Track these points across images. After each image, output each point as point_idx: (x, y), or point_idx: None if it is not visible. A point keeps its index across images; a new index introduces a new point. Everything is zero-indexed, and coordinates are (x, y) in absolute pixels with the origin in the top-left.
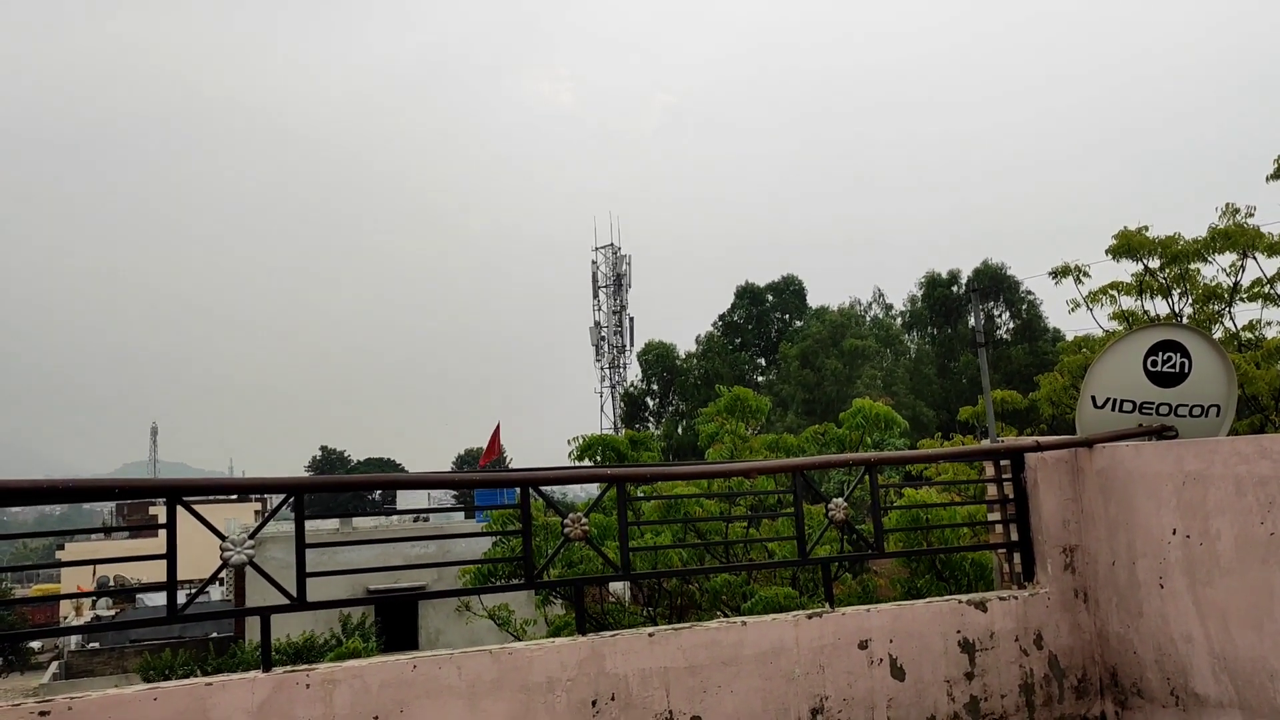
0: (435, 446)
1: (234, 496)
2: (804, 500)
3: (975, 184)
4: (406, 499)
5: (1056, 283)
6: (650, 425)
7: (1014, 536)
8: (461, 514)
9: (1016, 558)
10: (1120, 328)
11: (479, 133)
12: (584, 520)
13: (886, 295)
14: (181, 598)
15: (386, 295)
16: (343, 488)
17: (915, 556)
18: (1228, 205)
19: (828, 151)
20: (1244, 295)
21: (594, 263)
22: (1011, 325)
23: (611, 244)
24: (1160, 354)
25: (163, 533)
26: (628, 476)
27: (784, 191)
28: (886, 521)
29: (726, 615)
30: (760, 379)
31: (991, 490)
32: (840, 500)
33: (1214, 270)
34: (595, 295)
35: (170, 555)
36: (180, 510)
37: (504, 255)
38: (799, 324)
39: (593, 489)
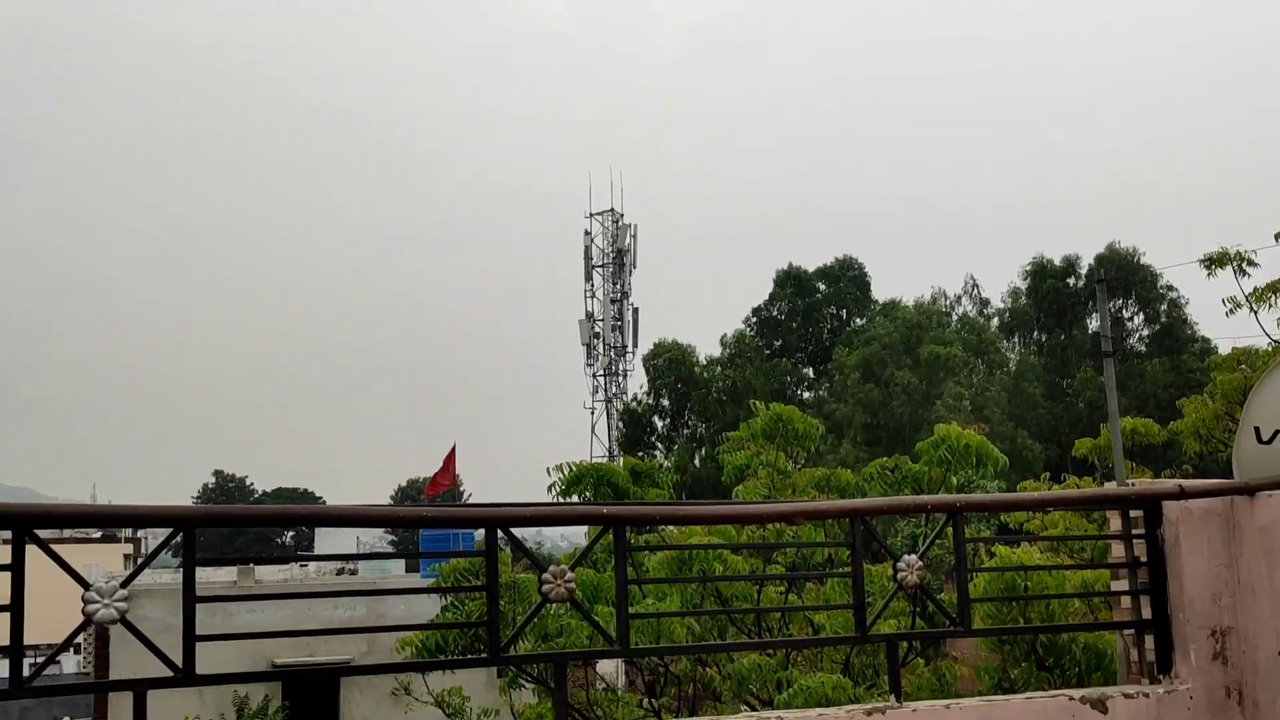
0: (368, 474)
1: (98, 533)
2: (864, 558)
3: (1103, 137)
4: (329, 542)
5: (1210, 275)
6: (658, 453)
7: (1145, 613)
8: (401, 564)
9: (1148, 641)
10: None
11: (434, 54)
12: (568, 576)
13: (981, 286)
14: (27, 667)
15: (303, 270)
16: (244, 523)
17: (1011, 636)
18: None
19: (900, 94)
20: None
21: (587, 234)
22: (1146, 331)
23: (611, 209)
24: None
25: (4, 575)
26: (628, 519)
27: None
28: (973, 588)
29: (755, 709)
30: (807, 395)
31: (1116, 550)
32: (913, 558)
33: None
34: (588, 278)
35: (15, 607)
36: (30, 547)
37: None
38: (859, 322)
39: (579, 535)
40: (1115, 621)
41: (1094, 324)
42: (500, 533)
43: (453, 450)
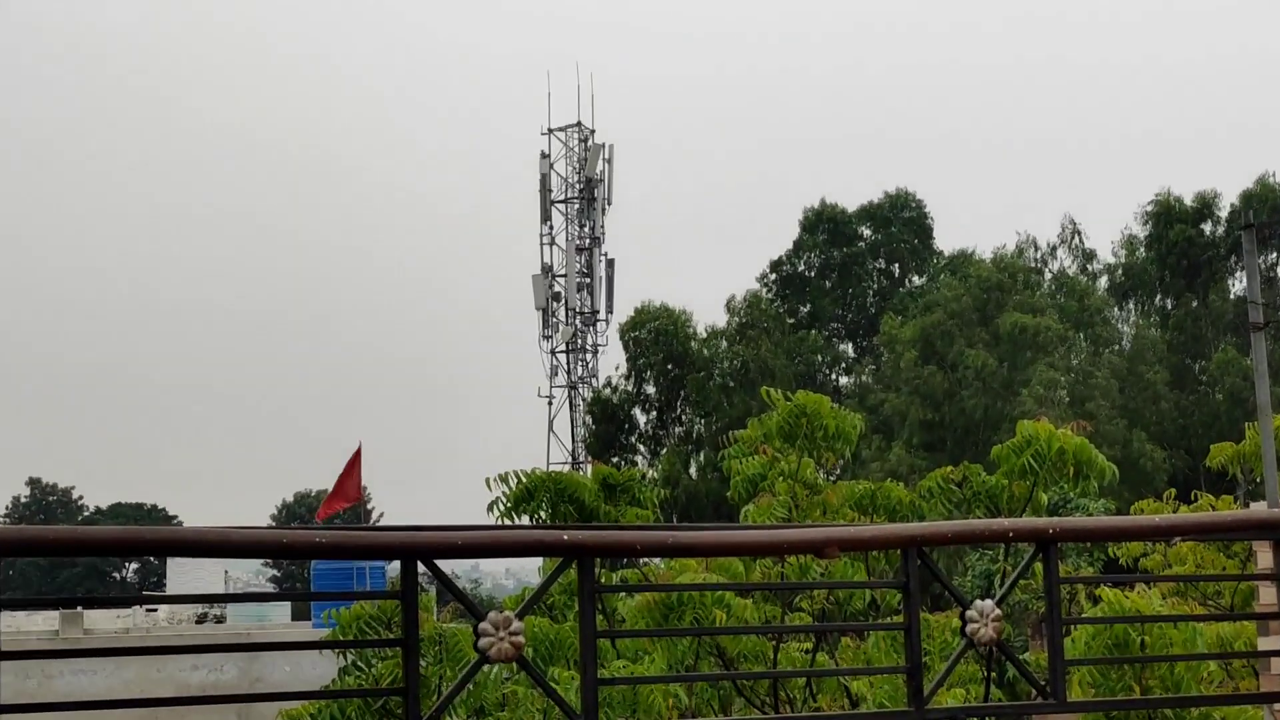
0: (241, 486)
1: None
2: (920, 603)
3: (1248, 25)
4: (186, 578)
5: None
6: (640, 458)
7: None
8: (286, 609)
9: None
10: None
11: None
12: (514, 627)
13: (1084, 234)
14: None
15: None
16: (70, 550)
17: (1121, 711)
18: None
19: None
20: None
21: (544, 156)
22: None
23: (578, 123)
24: None
25: None
26: (597, 548)
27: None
28: (1070, 646)
29: None
30: (844, 381)
31: (1266, 596)
32: (987, 605)
33: None
34: (545, 218)
35: None
36: None
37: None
38: (917, 281)
39: (530, 572)
40: (1264, 694)
41: (1238, 285)
42: (422, 566)
43: (357, 454)
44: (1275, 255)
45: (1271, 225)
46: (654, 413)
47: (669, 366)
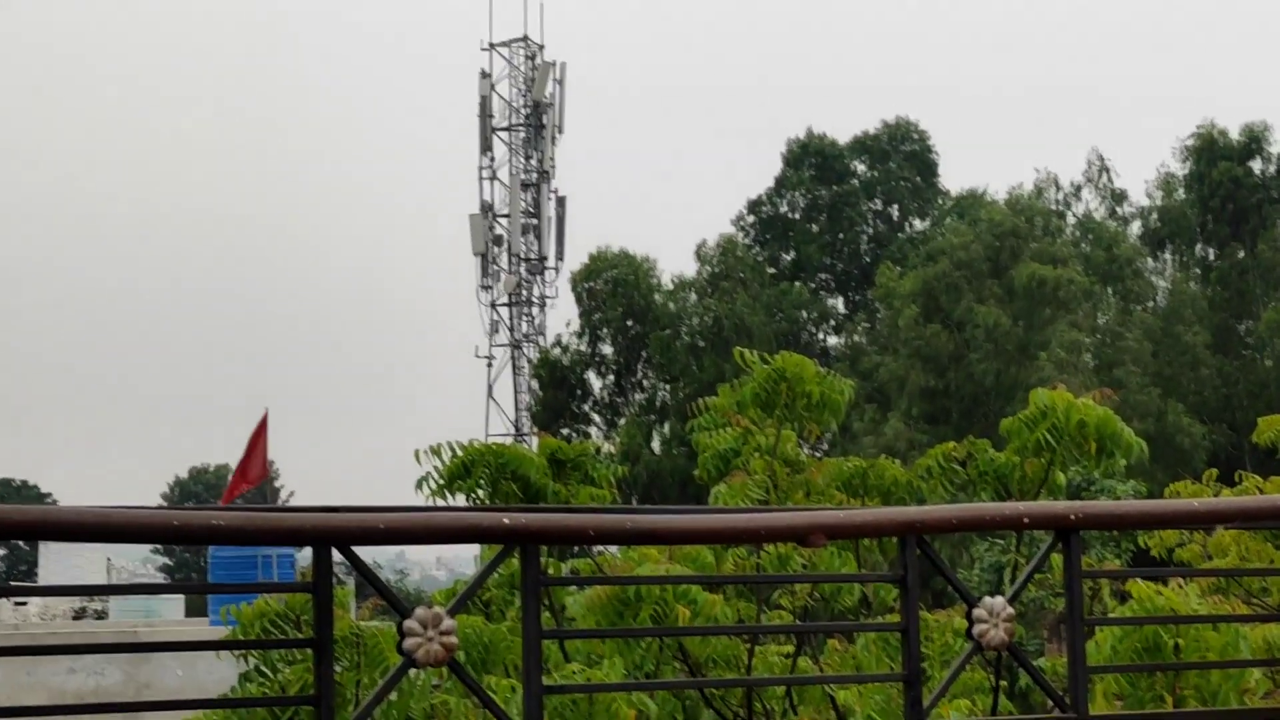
0: (127, 460)
1: None
2: (920, 600)
3: None
4: (61, 566)
5: None
6: (594, 428)
7: None
8: (180, 603)
9: None
10: None
11: None
12: (445, 625)
13: (1114, 171)
14: None
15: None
16: None
17: None
18: None
19: None
20: None
21: (485, 76)
22: None
23: (524, 37)
24: None
25: None
26: (543, 534)
27: None
28: (1094, 650)
29: None
30: (833, 341)
31: None
32: (998, 602)
33: None
34: (486, 148)
35: None
36: None
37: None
38: (919, 225)
39: (465, 561)
40: None
41: None
42: (338, 554)
43: (263, 423)
44: None
45: None
46: (611, 377)
47: (628, 323)
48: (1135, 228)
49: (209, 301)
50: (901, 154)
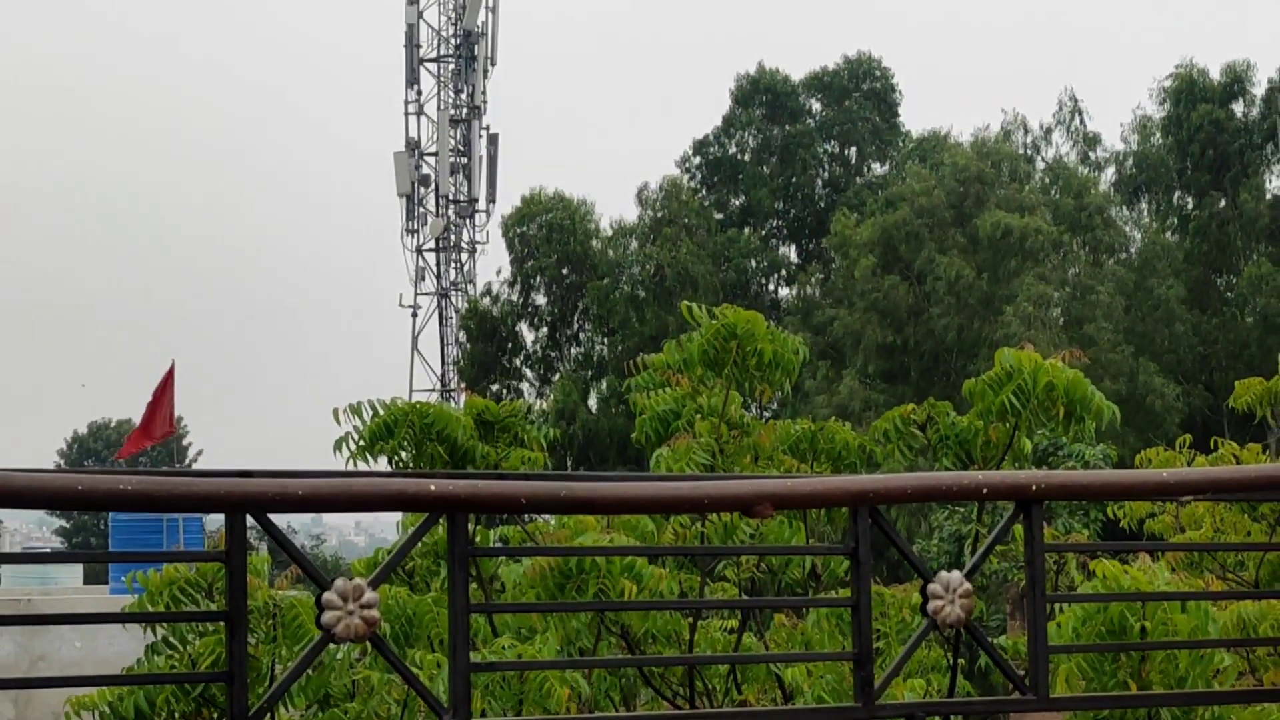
0: (20, 416)
1: None
2: (873, 574)
3: None
4: None
5: None
6: (526, 384)
7: None
8: (78, 571)
9: None
10: None
11: None
12: (367, 598)
13: (1087, 112)
14: None
15: None
16: None
17: (1117, 711)
18: None
19: None
20: None
21: (412, 2)
22: None
23: None
24: None
25: None
26: (471, 501)
27: None
28: (1057, 630)
29: None
30: (785, 292)
31: None
32: (955, 577)
33: None
34: (412, 80)
35: None
36: None
37: None
38: (878, 170)
39: (388, 528)
40: None
41: (1275, 182)
42: (251, 520)
43: (169, 375)
44: None
45: None
46: (544, 329)
47: (564, 271)
48: (1109, 174)
49: (114, 241)
50: (861, 93)
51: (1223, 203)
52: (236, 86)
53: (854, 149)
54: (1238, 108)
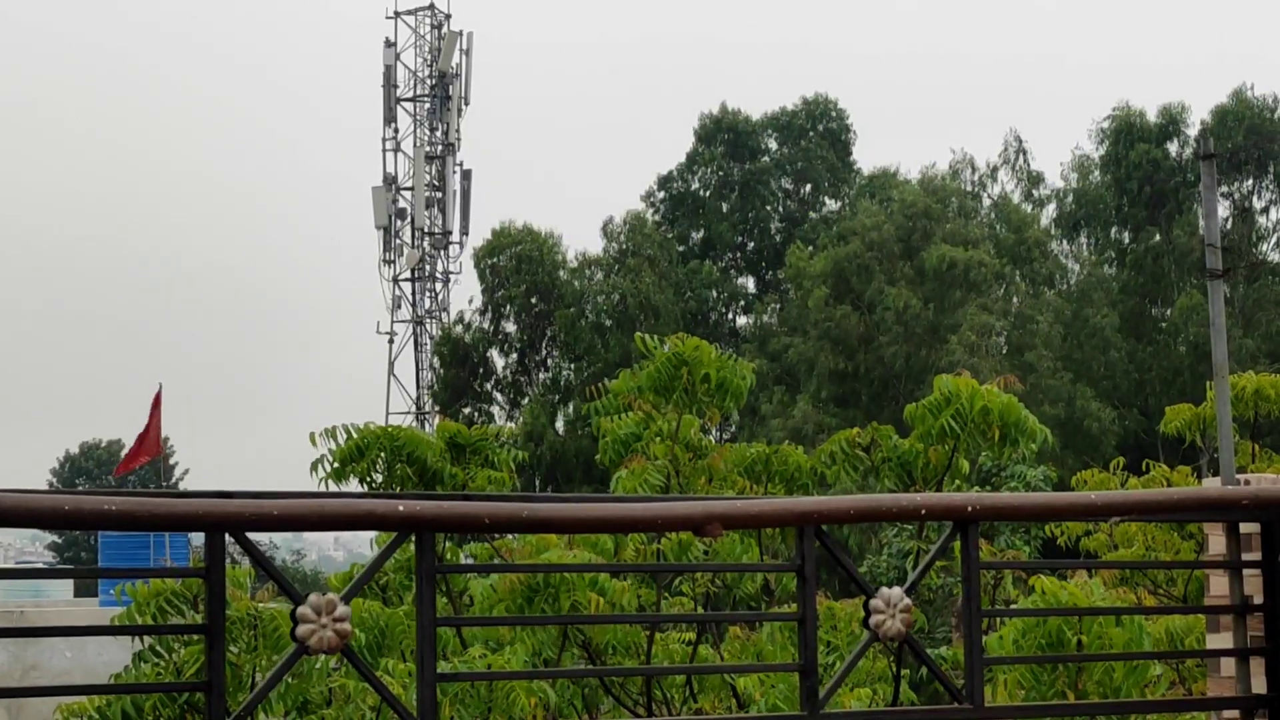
0: (14, 436)
1: None
2: (818, 589)
3: None
4: None
5: None
6: (496, 408)
7: (1259, 685)
8: (69, 586)
9: None
10: None
11: None
12: (339, 611)
13: (1031, 153)
14: None
15: None
16: None
17: (1054, 717)
18: None
19: None
20: None
21: (390, 44)
22: None
23: (431, 5)
24: None
25: None
26: (440, 521)
27: None
28: (994, 643)
29: None
30: (743, 321)
31: (1217, 586)
32: (896, 593)
33: None
34: (390, 118)
35: None
36: None
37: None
38: (832, 206)
39: (362, 544)
40: (1211, 699)
41: (1204, 220)
42: (231, 539)
43: (157, 399)
44: (1251, 182)
45: (1245, 149)
46: (514, 355)
47: (533, 300)
48: (1051, 210)
49: (106, 268)
50: (817, 132)
51: (1157, 237)
52: (226, 116)
53: (809, 185)
54: (1173, 147)
